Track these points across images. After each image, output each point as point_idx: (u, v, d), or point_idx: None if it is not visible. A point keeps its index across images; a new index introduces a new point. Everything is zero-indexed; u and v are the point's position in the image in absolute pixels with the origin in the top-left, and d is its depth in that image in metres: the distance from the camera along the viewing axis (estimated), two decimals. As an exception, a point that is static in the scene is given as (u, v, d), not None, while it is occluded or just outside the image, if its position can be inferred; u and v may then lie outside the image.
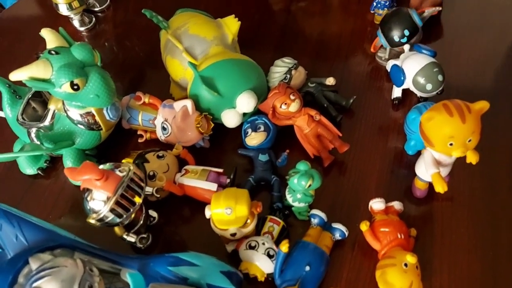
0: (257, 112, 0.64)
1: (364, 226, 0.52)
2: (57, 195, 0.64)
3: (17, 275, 0.45)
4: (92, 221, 0.49)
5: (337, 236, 0.54)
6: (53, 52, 0.52)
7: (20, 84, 0.64)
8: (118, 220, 0.49)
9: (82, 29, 0.82)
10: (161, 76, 0.72)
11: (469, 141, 0.47)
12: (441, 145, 0.48)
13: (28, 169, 0.64)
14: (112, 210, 0.48)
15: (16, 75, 0.51)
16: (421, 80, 0.59)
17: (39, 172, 0.64)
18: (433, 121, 0.47)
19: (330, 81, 0.66)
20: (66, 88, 0.52)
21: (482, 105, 0.46)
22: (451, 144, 0.47)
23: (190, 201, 0.60)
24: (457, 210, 0.57)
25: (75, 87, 0.52)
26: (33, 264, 0.45)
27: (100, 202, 0.48)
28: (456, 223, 0.56)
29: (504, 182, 0.59)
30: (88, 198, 0.49)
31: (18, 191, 0.64)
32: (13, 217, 0.49)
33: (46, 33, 0.54)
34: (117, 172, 0.49)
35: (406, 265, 0.48)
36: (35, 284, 0.41)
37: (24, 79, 0.51)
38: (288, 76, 0.65)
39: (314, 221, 0.55)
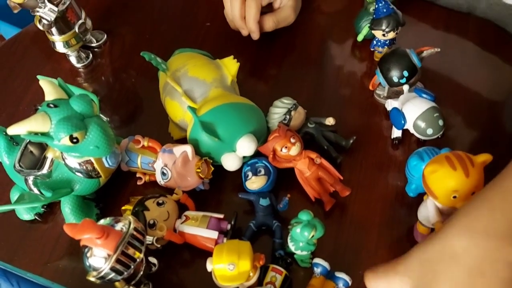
0: (257, 153, 0.63)
1: None
2: (56, 240, 0.63)
3: None
4: (92, 279, 0.48)
5: (341, 285, 0.54)
6: (51, 105, 0.51)
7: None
8: (119, 277, 0.48)
9: (79, 65, 0.82)
10: (159, 113, 0.72)
11: (473, 193, 0.47)
12: (444, 198, 0.48)
13: (25, 215, 0.63)
14: (112, 268, 0.47)
15: (14, 130, 0.50)
16: (422, 124, 0.59)
17: (36, 217, 0.63)
18: (436, 174, 0.47)
19: (330, 121, 0.65)
20: (65, 141, 0.51)
21: (485, 158, 0.46)
22: (454, 197, 0.47)
23: (190, 246, 0.59)
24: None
25: (74, 140, 0.51)
26: (32, 328, 0.44)
27: (100, 259, 0.48)
28: (460, 269, 0.56)
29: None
30: (88, 255, 0.48)
31: (15, 237, 0.63)
32: (12, 276, 0.48)
33: (44, 85, 0.53)
34: (117, 228, 0.49)
35: None
36: None
37: (23, 133, 0.50)
38: (288, 117, 0.65)
39: (317, 270, 0.55)
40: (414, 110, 0.59)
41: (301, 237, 0.53)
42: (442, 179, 0.47)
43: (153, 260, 0.57)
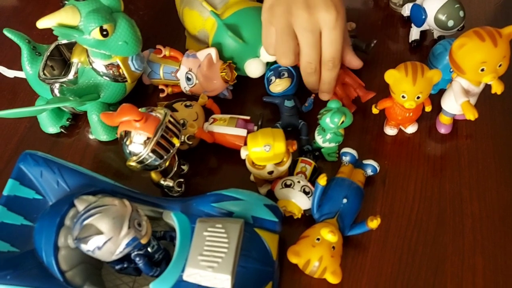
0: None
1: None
2: (82, 152, 0.63)
3: (63, 219, 0.45)
4: (133, 164, 0.49)
5: (369, 172, 0.56)
6: (79, -2, 0.51)
7: (39, 41, 0.63)
8: (158, 161, 0.49)
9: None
10: (175, 31, 0.72)
11: (500, 66, 0.49)
12: (472, 72, 0.49)
13: (51, 128, 0.64)
14: (153, 151, 0.48)
15: (43, 22, 0.50)
16: (443, 17, 0.60)
17: (62, 130, 0.64)
18: (465, 48, 0.48)
19: (352, 26, 0.66)
20: (95, 34, 0.51)
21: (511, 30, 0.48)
22: (482, 70, 0.48)
23: (216, 151, 0.61)
24: (481, 143, 0.59)
25: (104, 32, 0.51)
26: (80, 205, 0.45)
27: (139, 145, 0.49)
28: (482, 154, 0.58)
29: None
30: (127, 142, 0.49)
31: (41, 150, 0.63)
32: (53, 164, 0.49)
33: (69, -19, 0.53)
34: (154, 115, 0.49)
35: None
36: (86, 222, 0.42)
37: (53, 25, 0.50)
38: None
39: (346, 158, 0.56)
40: (434, 4, 0.60)
41: (331, 125, 0.54)
42: (470, 52, 0.48)
43: (184, 166, 0.58)
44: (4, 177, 0.60)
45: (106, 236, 0.41)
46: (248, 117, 0.61)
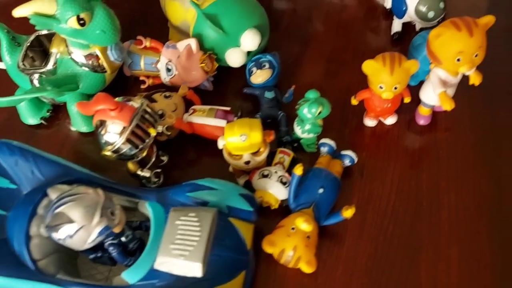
0: (260, 52, 0.64)
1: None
2: (62, 144, 0.63)
3: (36, 208, 0.45)
4: (108, 153, 0.49)
5: (347, 162, 0.56)
6: (56, -14, 0.50)
7: (19, 32, 0.63)
8: (134, 151, 0.49)
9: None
10: (158, 22, 0.72)
11: (476, 56, 0.49)
12: (449, 62, 0.49)
13: (31, 119, 0.63)
14: (128, 140, 0.48)
15: (20, 11, 0.50)
16: (423, 8, 0.60)
17: (42, 121, 0.63)
18: (441, 38, 0.48)
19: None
20: (72, 23, 0.51)
21: (488, 20, 0.48)
22: (458, 60, 0.49)
23: (195, 143, 0.61)
24: (460, 135, 0.59)
25: (81, 21, 0.51)
26: (53, 194, 0.45)
27: (115, 135, 0.48)
28: (461, 146, 0.58)
29: (502, 105, 0.62)
30: (102, 132, 0.49)
31: (20, 141, 0.63)
32: (28, 153, 0.49)
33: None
34: (130, 104, 0.49)
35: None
36: (58, 210, 0.42)
37: (29, 14, 0.50)
38: None
39: (324, 149, 0.56)
40: (415, -5, 0.60)
41: (308, 115, 0.54)
42: (447, 42, 0.48)
43: (163, 157, 0.58)
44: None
45: (78, 224, 0.41)
46: (228, 108, 0.60)
